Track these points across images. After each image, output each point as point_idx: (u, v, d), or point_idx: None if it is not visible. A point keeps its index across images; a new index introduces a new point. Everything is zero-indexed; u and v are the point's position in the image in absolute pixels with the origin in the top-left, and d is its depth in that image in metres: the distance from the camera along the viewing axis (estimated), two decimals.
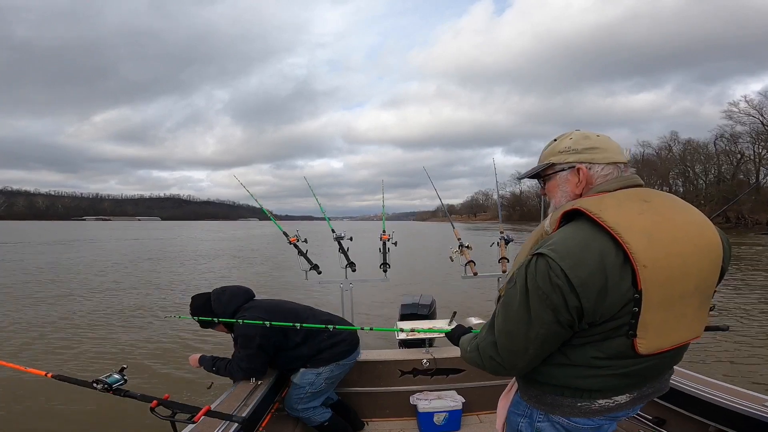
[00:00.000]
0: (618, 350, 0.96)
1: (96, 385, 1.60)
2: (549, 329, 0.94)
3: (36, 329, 7.49)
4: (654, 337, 0.94)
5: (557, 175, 1.11)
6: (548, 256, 0.91)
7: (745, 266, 14.18)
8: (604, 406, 1.03)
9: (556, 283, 0.89)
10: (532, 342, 0.96)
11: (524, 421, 1.14)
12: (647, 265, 0.88)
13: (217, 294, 2.33)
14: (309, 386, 2.28)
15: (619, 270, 0.89)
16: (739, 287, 10.25)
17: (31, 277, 13.80)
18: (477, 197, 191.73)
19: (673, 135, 64.90)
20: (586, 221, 0.93)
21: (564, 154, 1.09)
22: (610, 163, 1.05)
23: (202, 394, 4.35)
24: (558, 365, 1.02)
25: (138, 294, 10.81)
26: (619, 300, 0.90)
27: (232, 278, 13.94)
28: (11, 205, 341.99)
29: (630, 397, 1.04)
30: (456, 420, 2.59)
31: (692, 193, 58.78)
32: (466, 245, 3.09)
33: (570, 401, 1.04)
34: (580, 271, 0.88)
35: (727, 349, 5.65)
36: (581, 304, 0.89)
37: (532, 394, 1.11)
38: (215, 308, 2.27)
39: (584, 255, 0.89)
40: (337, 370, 2.33)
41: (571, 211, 0.97)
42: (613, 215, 0.91)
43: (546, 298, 0.91)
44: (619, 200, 0.96)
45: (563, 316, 0.91)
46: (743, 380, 4.48)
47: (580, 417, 1.05)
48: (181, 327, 7.32)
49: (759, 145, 51.05)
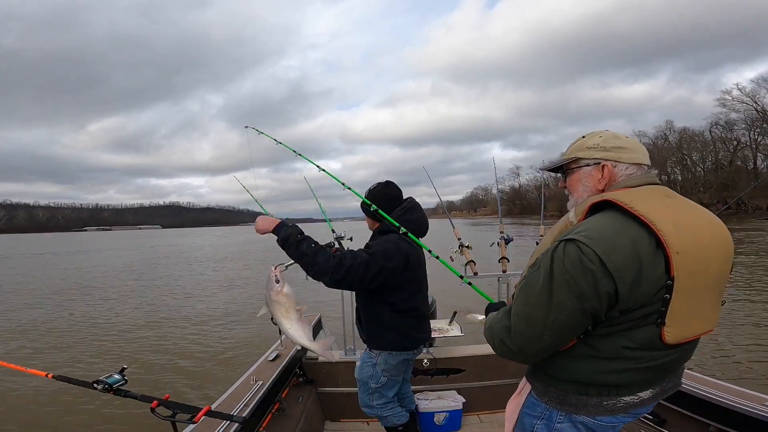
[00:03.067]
0: (646, 339, 0.96)
1: (96, 386, 1.59)
2: (569, 317, 0.93)
3: (36, 329, 7.50)
4: (679, 326, 0.95)
5: (581, 170, 1.12)
6: (580, 242, 0.91)
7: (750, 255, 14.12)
8: (629, 403, 1.03)
9: (589, 268, 0.89)
10: (548, 328, 0.95)
11: (540, 423, 1.11)
12: (680, 251, 0.90)
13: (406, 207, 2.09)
14: (370, 380, 2.13)
15: (652, 257, 0.90)
16: (740, 283, 10.20)
17: (36, 282, 13.85)
18: (476, 192, 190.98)
19: (669, 124, 65.85)
20: (616, 211, 0.95)
21: (592, 150, 1.10)
22: (635, 164, 1.08)
23: (202, 394, 4.34)
24: (585, 358, 1.00)
25: (151, 297, 10.82)
26: (653, 287, 0.91)
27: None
28: (12, 219, 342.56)
29: (652, 392, 1.05)
30: (456, 420, 2.59)
31: (691, 180, 59.06)
32: (466, 245, 3.09)
33: (596, 400, 1.02)
34: (615, 257, 0.88)
35: (727, 348, 5.62)
36: (617, 289, 0.89)
37: (552, 395, 1.08)
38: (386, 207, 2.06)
39: (618, 241, 0.90)
40: (393, 360, 2.10)
41: (599, 202, 0.99)
42: (643, 206, 0.93)
43: (574, 284, 0.90)
44: (646, 194, 0.99)
45: (589, 303, 0.90)
46: (743, 380, 4.45)
47: (606, 415, 1.04)
48: (181, 327, 7.33)
49: (754, 131, 51.80)
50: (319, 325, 3.69)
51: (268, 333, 6.47)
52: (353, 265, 1.80)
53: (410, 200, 2.17)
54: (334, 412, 2.83)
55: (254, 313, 8.90)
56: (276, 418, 2.25)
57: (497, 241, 3.16)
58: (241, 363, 5.31)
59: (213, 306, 10.14)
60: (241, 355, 6.03)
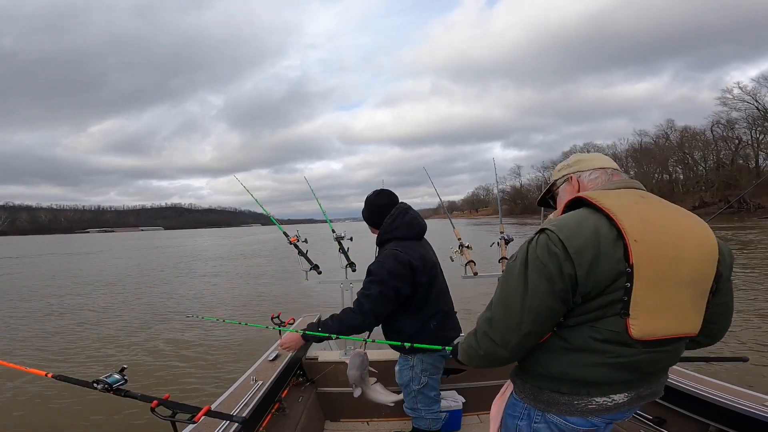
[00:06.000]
0: (613, 331, 0.97)
1: (96, 385, 1.59)
2: (543, 301, 0.97)
3: (36, 330, 7.53)
4: (646, 319, 0.95)
5: (559, 189, 1.30)
6: (549, 230, 1.00)
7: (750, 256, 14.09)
8: (603, 405, 1.03)
9: (553, 251, 0.96)
10: (526, 314, 0.99)
11: (522, 423, 1.13)
12: (638, 240, 0.93)
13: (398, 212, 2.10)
14: (411, 382, 2.12)
15: (612, 243, 0.95)
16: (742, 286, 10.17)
17: (36, 282, 13.90)
18: (478, 192, 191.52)
19: (670, 123, 66.01)
20: (586, 206, 1.04)
21: (561, 170, 1.30)
22: (597, 169, 1.21)
23: (202, 394, 4.35)
24: (557, 350, 1.03)
25: (160, 296, 10.85)
26: (611, 270, 0.94)
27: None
28: (14, 221, 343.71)
29: (628, 396, 1.04)
30: (456, 420, 2.59)
31: (692, 179, 59.07)
32: (466, 245, 3.09)
33: (567, 399, 1.03)
34: (575, 240, 0.95)
35: (727, 347, 5.60)
36: (575, 271, 0.94)
37: (528, 391, 1.10)
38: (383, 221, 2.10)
39: (580, 227, 0.97)
40: (428, 359, 2.09)
41: (573, 200, 1.09)
42: (610, 201, 1.00)
43: (543, 268, 0.97)
44: (619, 194, 1.06)
45: (558, 285, 0.96)
46: (743, 380, 4.43)
47: (576, 416, 1.04)
48: (181, 328, 7.34)
49: (756, 129, 52.04)
50: (319, 324, 3.69)
51: (268, 333, 6.46)
52: (374, 304, 1.91)
53: (399, 206, 2.16)
54: (334, 412, 2.83)
55: (254, 312, 8.96)
56: (276, 418, 2.25)
57: (497, 241, 3.17)
58: (241, 363, 5.31)
59: (213, 306, 10.17)
60: (241, 355, 6.05)
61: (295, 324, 2.71)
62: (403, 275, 1.93)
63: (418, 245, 2.09)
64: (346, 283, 3.00)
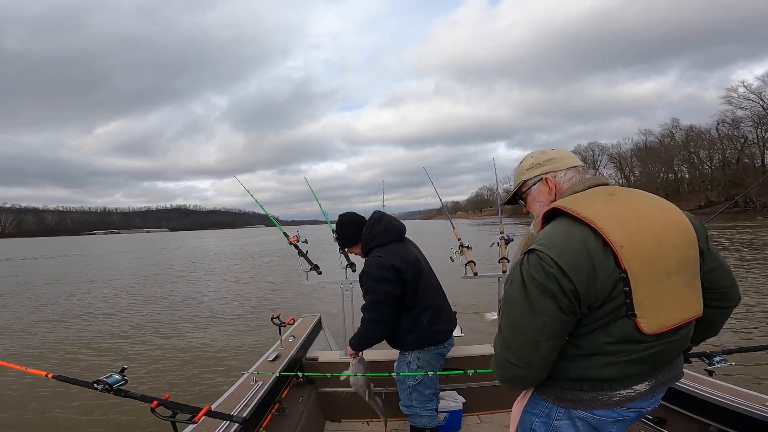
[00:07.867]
0: (624, 332, 0.99)
1: (97, 386, 1.61)
2: (553, 317, 0.98)
3: (37, 329, 7.59)
4: (653, 314, 0.98)
5: (531, 190, 1.26)
6: (537, 250, 1.00)
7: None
8: (626, 396, 1.05)
9: (549, 271, 0.96)
10: (540, 332, 1.00)
11: (539, 420, 1.15)
12: (624, 245, 0.96)
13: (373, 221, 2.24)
14: (407, 378, 2.17)
15: (602, 253, 0.97)
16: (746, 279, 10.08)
17: (37, 282, 14.03)
18: (482, 192, 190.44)
19: (675, 122, 65.53)
20: (564, 217, 1.04)
21: (531, 170, 1.25)
22: (570, 168, 1.20)
23: (202, 394, 4.37)
24: (572, 357, 1.04)
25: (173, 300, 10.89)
26: (608, 279, 0.96)
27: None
28: (21, 223, 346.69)
29: (649, 385, 1.07)
30: (457, 420, 2.59)
31: (698, 178, 58.64)
32: (466, 245, 3.09)
33: (591, 395, 1.05)
34: (568, 257, 0.96)
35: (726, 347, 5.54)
36: (575, 287, 0.95)
37: (550, 392, 1.12)
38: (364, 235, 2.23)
39: (568, 243, 0.98)
40: (426, 356, 2.17)
41: (549, 211, 1.09)
42: (585, 208, 1.01)
43: (544, 288, 0.97)
44: (589, 196, 1.07)
45: (563, 302, 0.96)
46: (743, 380, 4.39)
47: (603, 409, 1.06)
48: (181, 327, 7.37)
49: (761, 128, 51.73)
50: (319, 325, 3.70)
51: (268, 333, 6.52)
52: (373, 313, 2.08)
53: (373, 215, 2.29)
54: (334, 412, 2.83)
55: (254, 312, 8.98)
56: (276, 418, 2.26)
57: (497, 241, 3.16)
58: (242, 363, 5.33)
59: (213, 305, 10.21)
60: (242, 356, 6.06)
61: (295, 324, 2.72)
62: (390, 278, 2.06)
63: (399, 246, 2.21)
64: (346, 283, 3.00)
